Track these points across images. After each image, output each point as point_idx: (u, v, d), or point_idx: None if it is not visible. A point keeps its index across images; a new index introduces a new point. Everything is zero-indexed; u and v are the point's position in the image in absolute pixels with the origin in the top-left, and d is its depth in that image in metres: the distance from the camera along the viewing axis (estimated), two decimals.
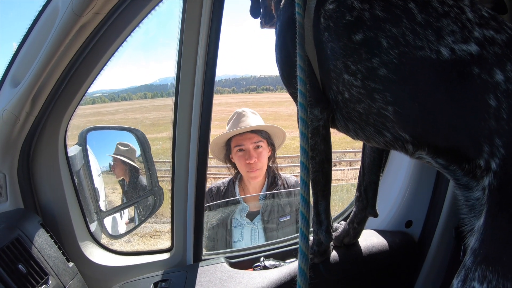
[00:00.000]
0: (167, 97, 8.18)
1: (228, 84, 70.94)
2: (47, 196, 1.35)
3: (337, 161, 11.93)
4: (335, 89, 0.92)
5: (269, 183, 2.32)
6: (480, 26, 0.74)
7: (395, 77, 0.79)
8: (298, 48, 0.88)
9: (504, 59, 0.70)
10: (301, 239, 0.77)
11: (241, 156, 2.24)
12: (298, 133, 0.84)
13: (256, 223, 2.20)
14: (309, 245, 0.78)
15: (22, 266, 1.09)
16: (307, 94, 0.86)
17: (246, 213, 2.22)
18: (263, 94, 52.37)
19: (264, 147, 2.27)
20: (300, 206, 0.79)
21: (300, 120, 0.84)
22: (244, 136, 2.24)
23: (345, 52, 0.86)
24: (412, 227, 1.48)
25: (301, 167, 0.81)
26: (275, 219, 2.21)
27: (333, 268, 1.26)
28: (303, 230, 0.78)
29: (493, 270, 0.63)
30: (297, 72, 0.86)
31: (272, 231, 2.19)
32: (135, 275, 1.40)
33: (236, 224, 2.21)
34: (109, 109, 26.44)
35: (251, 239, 2.18)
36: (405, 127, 0.82)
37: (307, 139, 0.82)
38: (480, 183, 0.73)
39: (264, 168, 2.29)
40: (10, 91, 1.12)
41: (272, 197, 2.28)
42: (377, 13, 0.82)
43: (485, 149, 0.69)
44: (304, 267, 0.75)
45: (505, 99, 0.68)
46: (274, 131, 2.35)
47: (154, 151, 8.06)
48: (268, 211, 2.22)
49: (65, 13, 1.00)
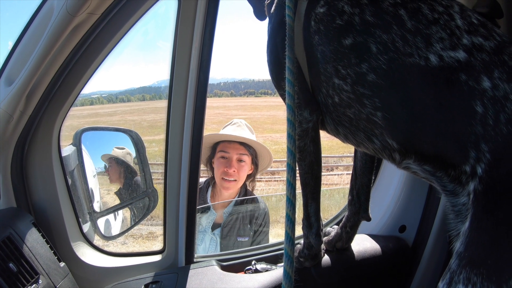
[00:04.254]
0: (165, 99, 8.24)
1: (227, 87, 70.96)
2: (40, 195, 1.35)
3: (334, 165, 11.94)
4: (325, 92, 0.93)
5: (238, 200, 2.31)
6: (469, 33, 0.75)
7: (384, 83, 0.80)
8: (288, 50, 0.89)
9: (492, 66, 0.70)
10: (287, 241, 0.77)
11: (221, 163, 2.23)
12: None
13: (215, 234, 2.20)
14: (295, 248, 0.78)
15: (12, 265, 1.09)
16: (295, 96, 0.86)
17: (212, 222, 2.23)
18: (262, 97, 52.43)
19: (247, 162, 2.26)
20: (286, 208, 0.79)
21: (288, 121, 0.84)
22: (231, 144, 2.24)
23: (335, 56, 0.87)
24: (406, 232, 1.47)
25: (288, 169, 0.81)
26: (233, 237, 2.21)
27: (325, 273, 1.25)
28: (289, 233, 0.78)
29: (478, 272, 0.64)
30: (286, 74, 0.87)
31: (227, 247, 2.19)
32: (126, 277, 1.39)
33: (200, 230, 2.21)
34: (107, 110, 26.40)
35: (208, 248, 2.18)
36: (393, 133, 0.83)
37: (294, 141, 0.83)
38: (466, 188, 0.73)
39: (240, 183, 2.27)
40: (5, 90, 1.13)
41: (236, 214, 2.27)
42: (367, 18, 0.82)
43: (472, 155, 0.70)
44: (289, 270, 0.75)
45: (492, 105, 0.68)
46: (262, 151, 2.34)
47: (152, 153, 8.04)
48: (229, 226, 2.21)
49: (60, 13, 1.01)
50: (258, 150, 2.32)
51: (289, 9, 0.91)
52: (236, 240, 2.20)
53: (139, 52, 34.59)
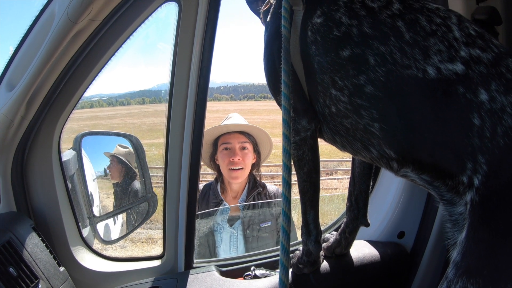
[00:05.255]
0: (165, 103, 8.25)
1: (226, 91, 71.15)
2: (40, 199, 1.35)
3: (333, 169, 11.95)
4: (322, 102, 0.93)
5: (250, 187, 2.33)
6: (467, 45, 0.75)
7: (382, 95, 0.80)
8: (283, 62, 0.89)
9: (489, 78, 0.71)
10: (282, 252, 0.79)
11: (225, 154, 2.25)
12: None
13: (235, 229, 2.19)
14: (293, 255, 0.80)
15: (12, 269, 1.09)
16: (291, 110, 0.87)
17: (228, 216, 2.21)
18: (261, 102, 52.54)
19: (249, 150, 2.30)
20: (282, 220, 0.80)
21: (283, 136, 0.85)
22: (231, 135, 2.28)
23: (333, 67, 0.87)
24: (404, 238, 1.47)
25: (283, 183, 0.82)
26: (256, 225, 2.20)
27: (323, 279, 1.25)
28: (284, 244, 0.79)
29: (474, 282, 0.64)
30: (281, 88, 0.87)
31: (252, 237, 2.17)
32: (126, 281, 1.39)
33: (217, 228, 2.19)
34: (107, 113, 26.45)
35: (230, 245, 2.16)
36: (390, 144, 0.83)
37: (289, 155, 0.84)
38: (463, 198, 0.74)
39: (247, 171, 2.30)
40: (5, 95, 1.13)
41: (253, 201, 2.27)
42: (365, 30, 0.82)
43: (469, 166, 0.71)
44: (284, 278, 0.76)
45: (489, 118, 0.69)
46: (262, 137, 2.37)
47: (151, 157, 8.04)
48: (248, 216, 2.21)
49: (61, 19, 1.02)
50: (257, 137, 2.36)
51: (285, 19, 0.91)
52: (259, 227, 2.18)
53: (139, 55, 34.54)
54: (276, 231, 2.20)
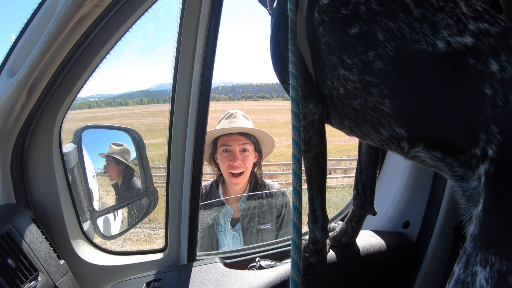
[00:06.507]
0: (163, 103, 8.15)
1: (225, 91, 71.22)
2: (40, 191, 1.32)
3: (332, 169, 11.95)
4: (330, 84, 0.93)
5: (251, 188, 2.29)
6: (475, 19, 0.76)
7: (391, 70, 0.80)
8: (290, 43, 0.89)
9: (499, 50, 0.72)
10: (294, 231, 0.77)
11: (225, 157, 2.21)
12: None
13: (237, 230, 2.17)
14: (302, 238, 0.78)
15: (11, 261, 1.06)
16: (299, 88, 0.86)
17: (230, 218, 2.19)
18: (259, 101, 52.64)
19: (250, 151, 2.25)
20: (293, 198, 0.79)
21: (292, 113, 0.84)
22: (232, 137, 2.22)
23: (341, 46, 0.87)
24: (409, 228, 1.47)
25: (293, 160, 0.81)
26: (255, 226, 2.17)
27: (330, 268, 1.24)
28: (296, 222, 0.77)
29: (496, 252, 0.63)
30: (289, 67, 0.87)
31: (251, 238, 2.15)
32: (127, 275, 1.36)
33: (220, 230, 2.17)
34: (105, 114, 26.38)
35: (233, 247, 2.14)
36: (401, 121, 0.83)
37: (299, 132, 0.82)
38: (476, 172, 0.74)
39: (247, 174, 2.26)
40: (7, 81, 1.10)
41: (253, 203, 2.24)
42: (373, 7, 0.83)
43: (482, 137, 0.71)
44: (297, 259, 0.74)
45: (500, 87, 0.70)
46: (263, 137, 2.33)
47: (150, 157, 8.01)
48: (248, 217, 2.18)
49: (66, 3, 1.00)
50: (258, 136, 2.31)
51: (291, 3, 0.91)
52: (258, 229, 2.16)
53: (138, 56, 34.47)
54: (276, 231, 2.19)
